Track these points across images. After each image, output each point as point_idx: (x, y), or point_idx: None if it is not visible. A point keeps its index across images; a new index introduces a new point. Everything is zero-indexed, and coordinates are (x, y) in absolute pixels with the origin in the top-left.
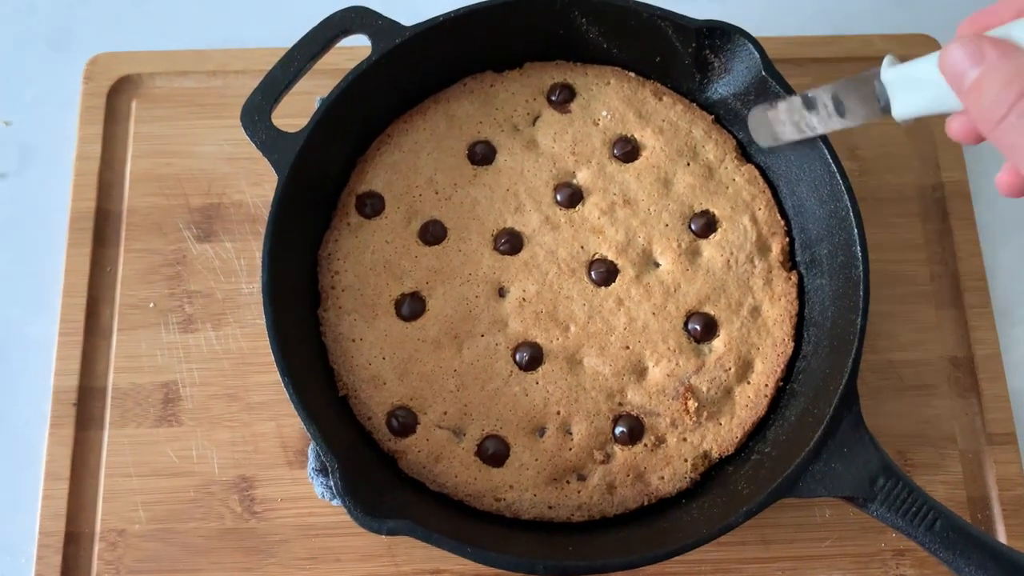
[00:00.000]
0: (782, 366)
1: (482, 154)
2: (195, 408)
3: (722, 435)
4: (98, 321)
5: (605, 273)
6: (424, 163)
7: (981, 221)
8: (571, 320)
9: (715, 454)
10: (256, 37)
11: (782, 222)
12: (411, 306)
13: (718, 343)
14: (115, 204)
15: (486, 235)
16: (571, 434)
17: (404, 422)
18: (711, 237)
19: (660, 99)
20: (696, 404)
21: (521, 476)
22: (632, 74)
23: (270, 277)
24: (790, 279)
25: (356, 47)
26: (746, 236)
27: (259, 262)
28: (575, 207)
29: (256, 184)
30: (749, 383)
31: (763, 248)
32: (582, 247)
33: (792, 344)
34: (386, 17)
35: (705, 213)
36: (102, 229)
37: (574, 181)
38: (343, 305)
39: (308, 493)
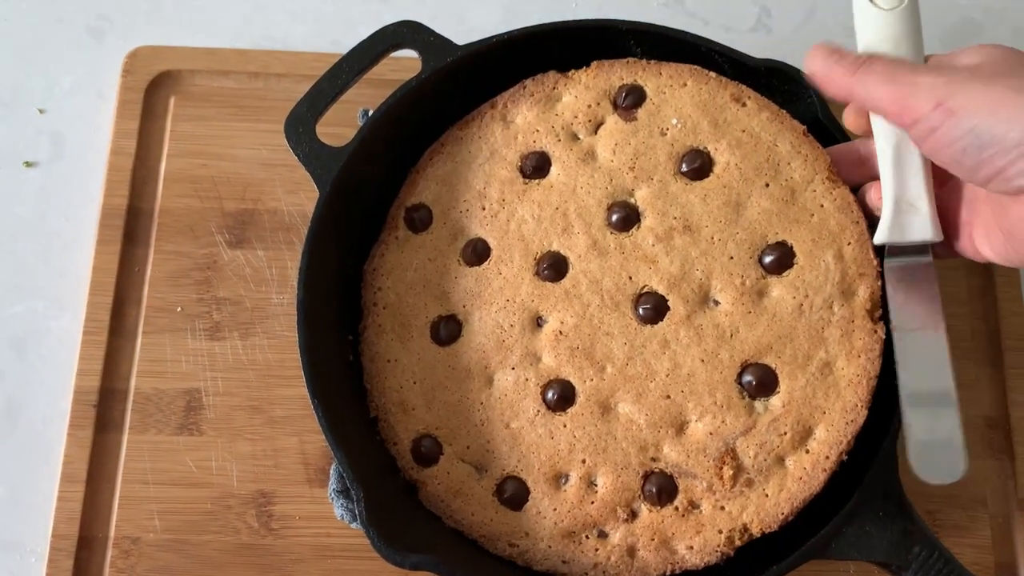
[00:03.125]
0: (850, 437)
1: (535, 166)
2: (217, 418)
3: (766, 508)
4: (123, 322)
5: (652, 310)
6: (475, 175)
7: None
8: (608, 360)
9: (755, 529)
10: (298, 37)
11: (875, 261)
12: (446, 330)
13: (775, 401)
14: (147, 203)
15: (529, 258)
16: (595, 486)
17: (428, 451)
18: (784, 274)
19: (743, 104)
20: (732, 471)
21: (537, 524)
22: (713, 74)
23: (305, 294)
24: (875, 332)
25: (401, 58)
26: (827, 276)
27: (291, 272)
28: (628, 231)
29: (292, 192)
30: (807, 452)
31: (847, 292)
32: (630, 278)
33: (866, 412)
34: (438, 34)
35: (780, 245)
36: (133, 228)
37: (631, 201)
38: (382, 324)
39: (327, 513)
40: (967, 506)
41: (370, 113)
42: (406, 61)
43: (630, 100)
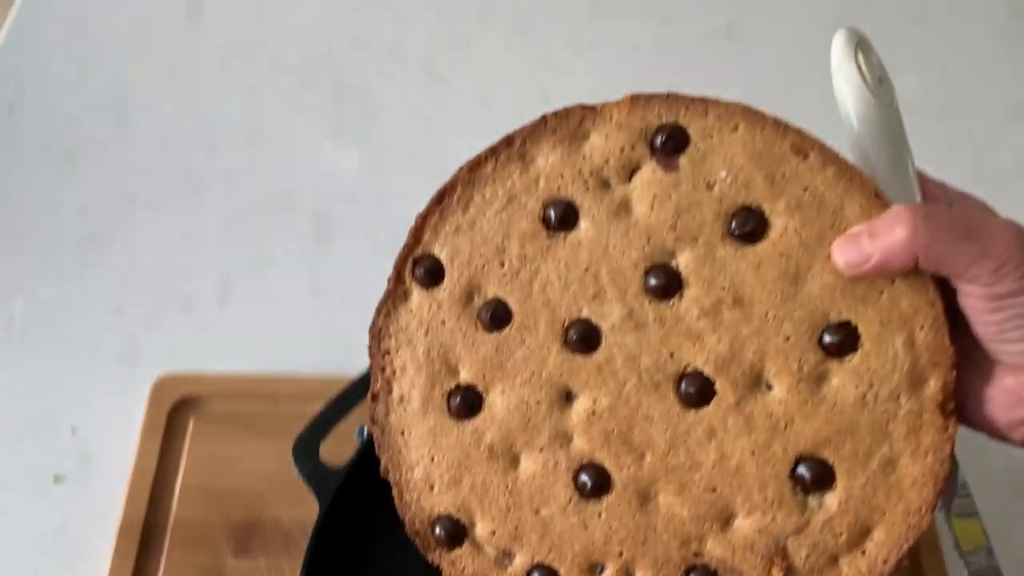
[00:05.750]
0: (911, 541)
1: (560, 218)
2: None
3: None
4: None
5: (697, 393)
6: (491, 226)
7: None
8: (648, 447)
9: None
10: (305, 362)
11: (951, 349)
12: (464, 403)
13: (831, 499)
14: (163, 516)
15: (556, 325)
16: None
17: (450, 533)
18: (846, 360)
19: (805, 157)
20: (783, 573)
21: None
22: (770, 117)
23: None
24: (946, 429)
25: None
26: (895, 364)
27: None
28: (669, 301)
29: (294, 504)
30: (863, 553)
31: (916, 382)
32: (672, 355)
33: (931, 517)
34: None
35: (844, 326)
36: (148, 540)
37: (672, 265)
38: (393, 391)
39: None
40: None
41: (366, 431)
42: None
43: (671, 145)
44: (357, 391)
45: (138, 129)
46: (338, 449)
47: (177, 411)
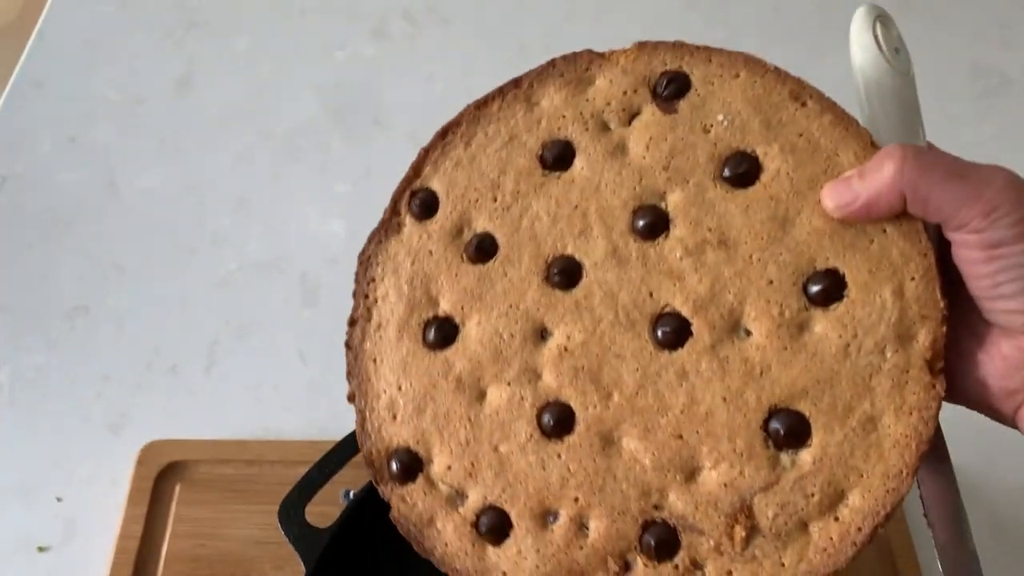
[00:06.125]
0: (890, 507)
1: (557, 157)
2: None
3: None
4: None
5: (672, 333)
6: (490, 161)
7: None
8: (616, 386)
9: None
10: (290, 427)
11: (942, 303)
12: (440, 333)
13: (805, 456)
14: None
15: (539, 260)
16: (586, 529)
17: (406, 466)
18: (831, 308)
19: (802, 104)
20: (745, 532)
21: (517, 565)
22: (771, 65)
23: None
24: (933, 387)
25: None
26: (882, 314)
27: None
28: (654, 240)
29: (279, 568)
30: (837, 520)
31: (904, 336)
32: (651, 294)
33: (911, 481)
34: None
35: (831, 273)
36: None
37: (661, 205)
38: (372, 318)
39: None
40: None
41: (351, 494)
42: None
43: (671, 89)
44: (342, 453)
45: (127, 199)
46: (324, 511)
47: (163, 477)
